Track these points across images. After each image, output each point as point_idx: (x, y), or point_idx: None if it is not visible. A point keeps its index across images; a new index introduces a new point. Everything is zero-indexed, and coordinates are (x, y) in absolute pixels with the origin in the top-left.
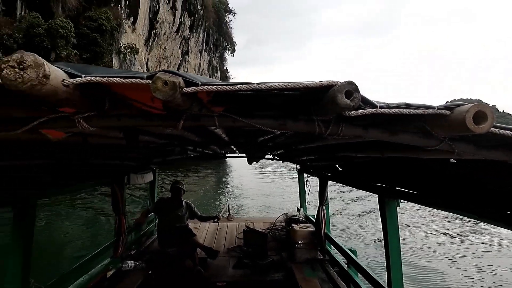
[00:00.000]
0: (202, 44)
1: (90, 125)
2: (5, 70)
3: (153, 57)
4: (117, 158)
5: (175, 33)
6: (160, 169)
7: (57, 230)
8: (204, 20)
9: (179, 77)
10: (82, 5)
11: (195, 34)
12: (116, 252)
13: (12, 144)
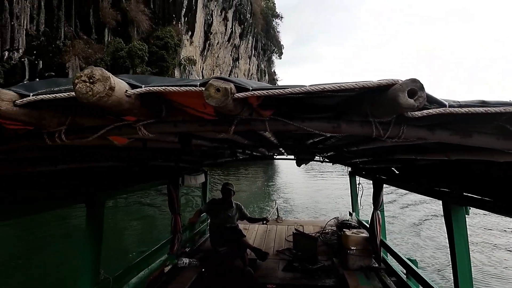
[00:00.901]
0: (251, 50)
1: (149, 132)
2: (78, 85)
3: (208, 65)
4: (172, 160)
5: (226, 42)
6: (212, 170)
7: (122, 226)
8: (253, 27)
9: (231, 83)
10: (152, 27)
11: (245, 41)
12: (172, 249)
13: (84, 149)
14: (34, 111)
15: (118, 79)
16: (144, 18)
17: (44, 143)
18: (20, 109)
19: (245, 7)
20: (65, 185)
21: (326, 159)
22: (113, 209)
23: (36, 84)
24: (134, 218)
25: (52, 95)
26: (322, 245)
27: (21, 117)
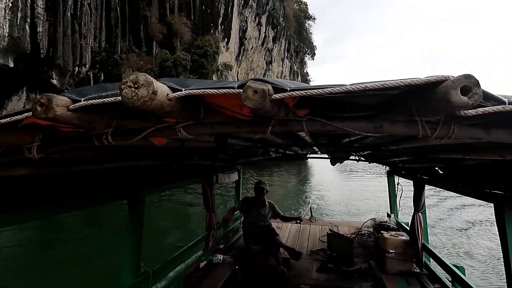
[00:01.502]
0: (284, 53)
1: (188, 133)
2: (124, 90)
3: (242, 69)
4: (207, 159)
5: (260, 46)
6: (246, 168)
7: (160, 223)
8: (285, 30)
9: (268, 84)
10: (193, 37)
11: (278, 44)
12: (207, 246)
13: (127, 149)
14: (85, 115)
15: (160, 83)
16: (186, 30)
17: (93, 144)
18: (73, 114)
19: (278, 11)
20: (110, 183)
21: (362, 158)
22: (152, 206)
23: (86, 89)
24: (171, 215)
25: (100, 100)
26: (358, 247)
27: (74, 120)
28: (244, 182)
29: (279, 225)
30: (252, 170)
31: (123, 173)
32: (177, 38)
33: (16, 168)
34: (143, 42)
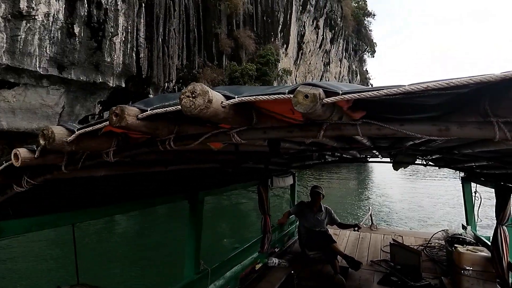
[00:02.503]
0: (342, 53)
1: (242, 138)
2: (183, 100)
3: (300, 73)
4: (262, 163)
5: (318, 48)
6: (302, 172)
7: (217, 223)
8: (343, 30)
9: (319, 89)
10: (256, 47)
11: (335, 45)
12: (263, 248)
13: (187, 153)
14: (151, 122)
15: (215, 92)
16: (250, 42)
17: (158, 148)
18: (141, 122)
19: (336, 13)
20: (172, 184)
21: (431, 163)
22: (210, 207)
23: (152, 100)
24: (227, 216)
25: (163, 109)
26: (427, 261)
27: (142, 128)
28: (302, 183)
29: (336, 232)
30: (309, 173)
31: (184, 175)
32: (243, 50)
33: (97, 170)
34: (214, 56)
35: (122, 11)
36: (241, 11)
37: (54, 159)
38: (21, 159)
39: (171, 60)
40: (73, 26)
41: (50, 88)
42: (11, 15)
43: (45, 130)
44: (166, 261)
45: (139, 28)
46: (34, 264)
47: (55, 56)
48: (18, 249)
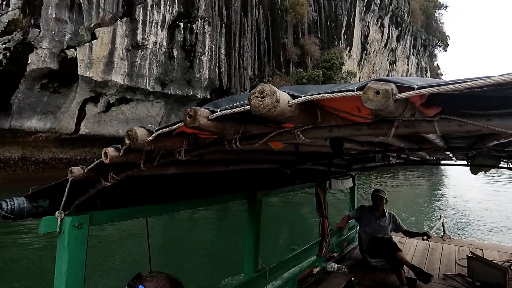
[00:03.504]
0: (410, 49)
1: (306, 137)
2: (252, 100)
3: (364, 74)
4: (321, 164)
5: (383, 47)
6: (364, 174)
7: (274, 223)
8: (411, 26)
9: (391, 84)
10: (321, 53)
11: (402, 42)
12: (321, 252)
13: (248, 153)
14: (220, 123)
15: (281, 91)
16: (315, 48)
17: (224, 148)
18: (211, 122)
19: (402, 9)
20: (233, 183)
21: None
22: (268, 207)
23: (220, 101)
24: (284, 217)
25: (232, 110)
26: None
27: (211, 128)
28: (364, 186)
29: (402, 240)
30: (373, 174)
31: (244, 175)
32: (308, 56)
33: (168, 168)
34: (282, 65)
35: (208, 33)
36: (305, 19)
37: (134, 158)
38: (109, 157)
39: (245, 71)
40: (173, 50)
41: (154, 102)
42: (131, 46)
43: (130, 131)
44: (229, 255)
45: (220, 46)
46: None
47: (160, 76)
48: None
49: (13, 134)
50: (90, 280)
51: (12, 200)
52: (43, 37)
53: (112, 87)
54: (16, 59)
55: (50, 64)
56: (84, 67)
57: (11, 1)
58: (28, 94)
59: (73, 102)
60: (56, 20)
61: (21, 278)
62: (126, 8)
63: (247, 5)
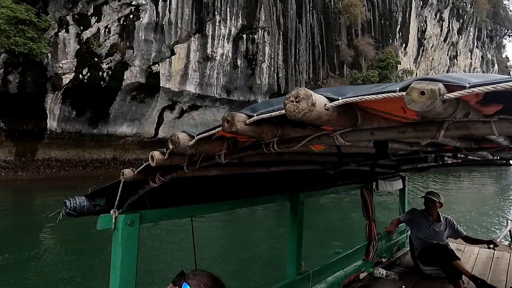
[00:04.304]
0: (473, 42)
1: (346, 140)
2: (288, 105)
3: (421, 71)
4: (366, 165)
5: (442, 42)
6: (420, 174)
7: (318, 225)
8: (474, 17)
9: (439, 83)
10: (376, 53)
11: (464, 35)
12: (367, 256)
13: (288, 154)
14: (257, 127)
15: (318, 94)
16: (370, 48)
17: (262, 151)
18: (248, 127)
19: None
20: (274, 185)
21: None
22: (310, 209)
23: (257, 106)
24: (328, 219)
25: (268, 114)
26: None
27: (249, 132)
28: (418, 187)
29: (460, 247)
30: (429, 174)
31: (285, 176)
32: (362, 57)
33: (210, 170)
34: (336, 67)
35: (267, 42)
36: (359, 20)
37: (178, 160)
38: (155, 160)
39: (301, 75)
40: (237, 60)
41: (220, 107)
42: (202, 59)
43: (173, 136)
44: (271, 256)
45: (278, 53)
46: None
47: (225, 84)
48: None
49: (108, 139)
50: (140, 274)
51: (75, 199)
52: (136, 56)
53: (186, 95)
54: (115, 76)
55: (139, 78)
56: (164, 79)
57: (111, 28)
58: (121, 105)
59: (154, 110)
60: (145, 41)
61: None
62: (198, 25)
63: (301, 11)
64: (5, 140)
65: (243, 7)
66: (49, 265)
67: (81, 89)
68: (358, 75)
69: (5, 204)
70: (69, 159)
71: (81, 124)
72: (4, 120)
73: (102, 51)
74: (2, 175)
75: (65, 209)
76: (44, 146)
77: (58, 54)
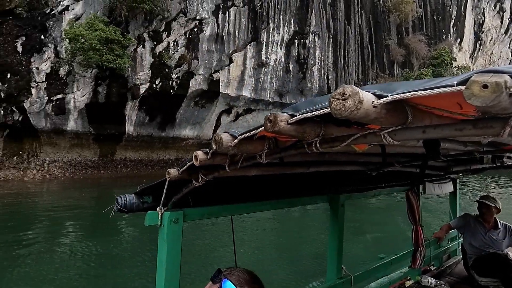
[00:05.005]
0: None
1: (394, 139)
2: (333, 103)
3: (478, 66)
4: (413, 166)
5: (503, 35)
6: (472, 177)
7: (361, 227)
8: None
9: (505, 75)
10: (429, 50)
11: None
12: (414, 263)
13: (329, 154)
14: (299, 126)
15: (365, 92)
16: (422, 46)
17: (304, 151)
18: (291, 126)
19: None
20: (313, 185)
21: None
22: (351, 211)
23: (300, 105)
24: (370, 223)
25: (311, 113)
26: None
27: (291, 132)
28: (475, 186)
29: None
30: (487, 176)
31: (325, 177)
32: (414, 55)
33: (250, 169)
34: (386, 66)
35: (318, 45)
36: (410, 17)
37: (220, 160)
38: (199, 159)
39: (350, 76)
40: (289, 65)
41: (272, 111)
42: (257, 65)
43: (216, 136)
44: (312, 257)
45: (327, 55)
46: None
47: (278, 88)
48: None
49: (174, 141)
50: (183, 267)
51: (125, 196)
52: (200, 66)
53: (242, 100)
54: (182, 84)
55: (202, 86)
56: (223, 86)
57: (179, 41)
58: (186, 110)
59: (213, 114)
60: (207, 52)
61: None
62: (253, 33)
63: (350, 13)
64: (92, 143)
65: (295, 14)
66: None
67: (154, 97)
68: (410, 74)
69: (92, 197)
70: (141, 159)
71: (152, 128)
72: (93, 126)
73: (172, 62)
74: (89, 173)
75: (117, 205)
76: (121, 148)
77: (136, 67)
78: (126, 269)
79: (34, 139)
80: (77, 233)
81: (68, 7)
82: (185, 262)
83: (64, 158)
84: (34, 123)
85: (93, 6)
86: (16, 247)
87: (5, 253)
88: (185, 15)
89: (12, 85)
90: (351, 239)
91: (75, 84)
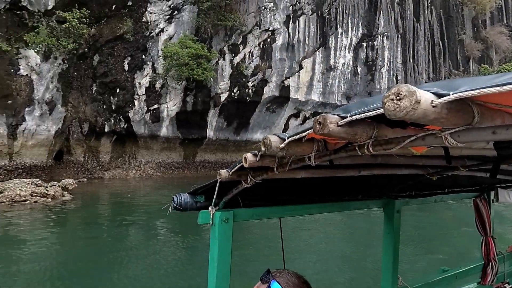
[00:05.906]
0: None
1: (458, 141)
2: (387, 103)
3: None
4: (481, 170)
5: None
6: None
7: (419, 233)
8: None
9: None
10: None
11: None
12: (484, 279)
13: (382, 157)
14: (350, 128)
15: (423, 91)
16: (503, 39)
17: (356, 154)
18: (341, 128)
19: None
20: (365, 189)
21: None
22: (408, 217)
23: (350, 106)
24: (430, 231)
25: (363, 115)
26: None
27: (341, 134)
28: None
29: None
30: None
31: (378, 181)
32: (493, 49)
33: (298, 172)
34: (460, 63)
35: (386, 46)
36: (487, 8)
37: (269, 162)
38: (248, 161)
39: (420, 75)
40: (357, 67)
41: None
42: (325, 70)
43: (265, 139)
44: (365, 265)
45: (396, 56)
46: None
47: (346, 91)
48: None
49: (246, 144)
50: (234, 267)
51: (180, 195)
52: (273, 74)
53: (310, 104)
54: (257, 91)
55: (275, 92)
56: (293, 91)
57: (254, 52)
58: (259, 115)
59: (282, 118)
60: (280, 60)
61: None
62: (321, 39)
63: (419, 10)
64: (178, 146)
65: (363, 16)
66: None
67: (232, 104)
68: (489, 70)
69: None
70: (216, 161)
71: (229, 132)
72: (181, 131)
73: (248, 72)
74: (175, 173)
75: (173, 204)
76: (201, 150)
77: (218, 78)
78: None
79: (134, 144)
80: (165, 227)
81: (163, 29)
82: (235, 263)
83: (156, 160)
84: (135, 130)
85: (183, 26)
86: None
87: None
88: (259, 27)
89: (120, 98)
90: (407, 247)
91: (168, 96)
